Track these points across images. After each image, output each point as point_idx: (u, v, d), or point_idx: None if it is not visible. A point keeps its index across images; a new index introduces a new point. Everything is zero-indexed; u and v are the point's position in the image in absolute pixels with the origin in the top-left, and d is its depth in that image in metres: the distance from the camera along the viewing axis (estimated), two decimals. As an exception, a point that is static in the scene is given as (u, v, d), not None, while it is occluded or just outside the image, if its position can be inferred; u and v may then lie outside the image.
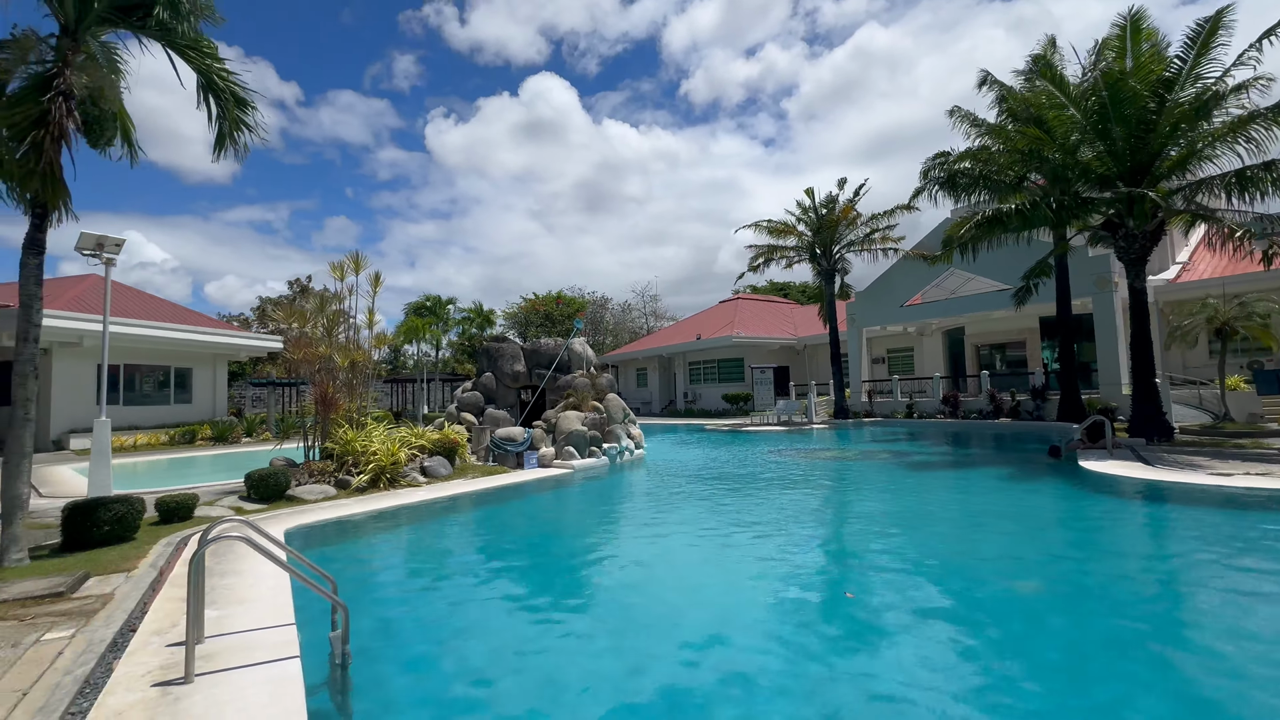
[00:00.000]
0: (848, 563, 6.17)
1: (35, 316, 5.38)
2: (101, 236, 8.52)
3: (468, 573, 6.22)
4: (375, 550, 7.27)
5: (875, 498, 9.82)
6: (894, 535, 7.30)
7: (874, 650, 3.98)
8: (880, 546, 6.72)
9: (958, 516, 8.37)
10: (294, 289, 43.19)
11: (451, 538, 8.04)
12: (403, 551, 7.37)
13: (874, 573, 5.72)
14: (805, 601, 4.98)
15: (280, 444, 21.46)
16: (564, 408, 13.31)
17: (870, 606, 4.81)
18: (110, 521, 6.02)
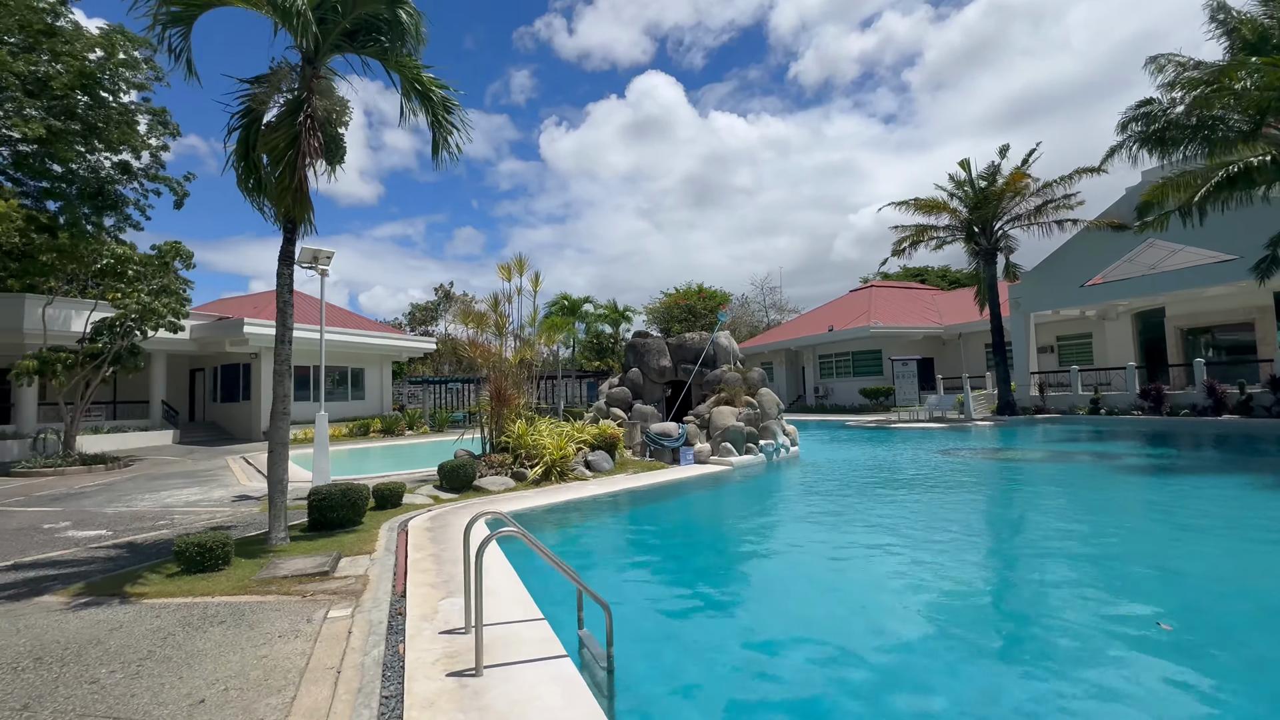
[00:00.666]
0: (1101, 594, 5.17)
1: (289, 321, 5.99)
2: (316, 250, 9.51)
3: (662, 570, 6.06)
4: (567, 542, 7.39)
5: (1102, 509, 8.40)
6: (1152, 559, 6.09)
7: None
8: (1145, 571, 5.60)
9: (1237, 538, 6.85)
10: (438, 294, 47.10)
11: (632, 532, 7.99)
12: (590, 544, 7.42)
13: (1140, 602, 4.72)
14: (1048, 643, 4.17)
15: (438, 437, 23.30)
16: (715, 403, 12.98)
17: (1170, 646, 3.90)
18: (345, 507, 6.59)
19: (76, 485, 12.08)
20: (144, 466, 15.42)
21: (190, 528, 7.33)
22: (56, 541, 6.77)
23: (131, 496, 10.13)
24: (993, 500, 9.29)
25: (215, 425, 24.98)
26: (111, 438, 20.09)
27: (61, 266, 17.90)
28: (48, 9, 14.47)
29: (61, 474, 14.23)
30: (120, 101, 15.60)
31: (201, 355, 25.01)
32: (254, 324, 21.62)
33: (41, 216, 16.31)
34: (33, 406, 19.26)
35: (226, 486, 11.06)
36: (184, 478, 12.77)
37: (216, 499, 9.62)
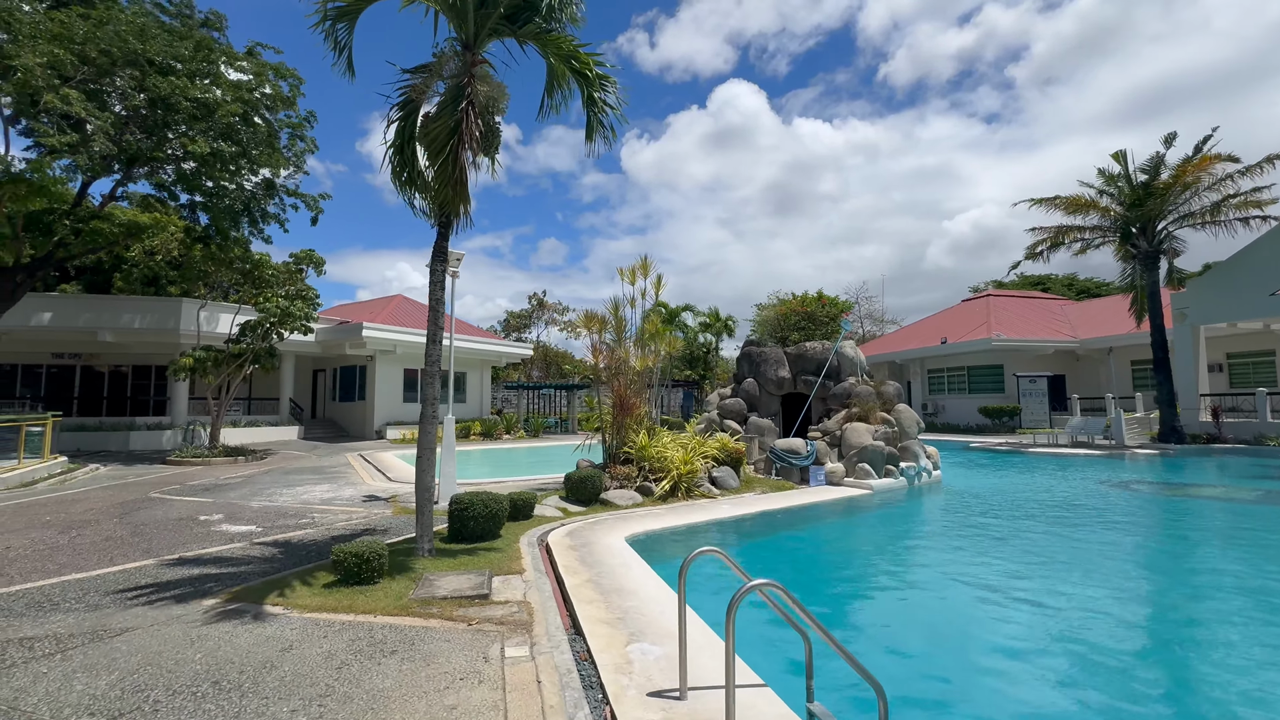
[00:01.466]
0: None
1: (440, 319, 5.69)
2: (452, 251, 9.41)
3: (828, 614, 5.16)
4: (716, 571, 6.65)
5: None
6: None
7: None
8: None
9: None
10: (532, 302, 48.25)
11: (780, 563, 7.12)
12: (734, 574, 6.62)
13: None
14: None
15: (534, 442, 23.36)
16: (846, 419, 11.82)
17: None
18: (485, 519, 6.22)
19: (222, 476, 12.83)
20: (276, 460, 16.33)
21: (331, 528, 7.27)
22: (213, 536, 6.87)
23: (271, 491, 10.49)
24: (1206, 549, 7.59)
25: (333, 423, 26.54)
26: (247, 431, 21.71)
27: (214, 272, 19.56)
28: (218, 45, 15.86)
29: (208, 464, 15.31)
30: (265, 117, 16.80)
31: (323, 357, 26.69)
32: (372, 328, 22.73)
33: (195, 229, 17.85)
34: (184, 401, 21.18)
35: (354, 485, 11.27)
36: (313, 473, 13.27)
37: (348, 498, 9.72)
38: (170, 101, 14.70)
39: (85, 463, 15.40)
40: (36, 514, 8.31)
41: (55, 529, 7.25)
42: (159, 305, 20.33)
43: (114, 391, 23.27)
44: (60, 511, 8.51)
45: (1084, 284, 50.42)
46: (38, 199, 13.78)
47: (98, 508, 8.80)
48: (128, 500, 9.45)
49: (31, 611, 4.26)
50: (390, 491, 10.38)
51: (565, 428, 32.36)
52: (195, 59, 15.32)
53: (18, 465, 12.38)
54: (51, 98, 12.49)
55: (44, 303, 19.65)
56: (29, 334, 19.21)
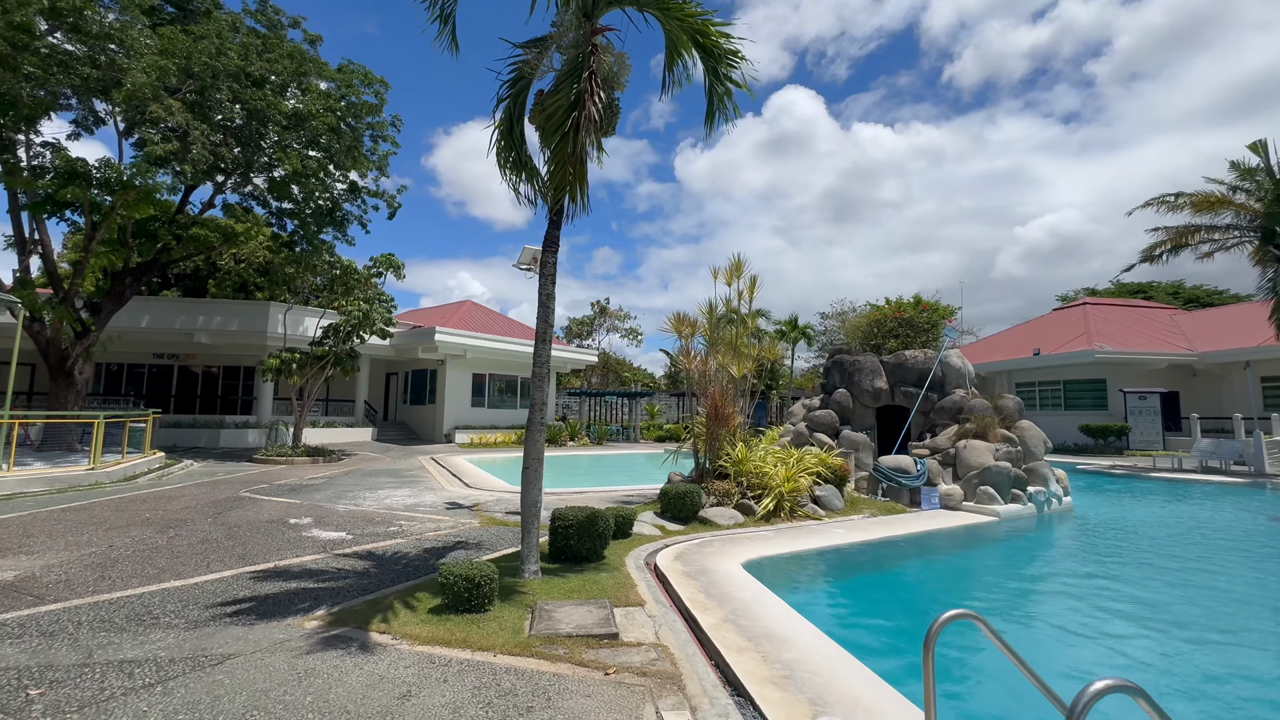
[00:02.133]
0: None
1: (550, 316, 5.17)
2: (537, 250, 9.00)
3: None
4: (852, 608, 5.81)
5: None
6: None
7: None
8: None
9: None
10: (594, 309, 48.27)
11: (917, 601, 6.18)
12: (867, 614, 5.75)
13: None
14: None
15: (599, 449, 22.88)
16: (959, 435, 10.64)
17: None
18: (590, 537, 5.63)
19: (305, 477, 12.92)
20: (353, 462, 16.50)
21: (421, 538, 6.88)
22: (304, 542, 6.59)
23: (355, 494, 10.35)
24: None
25: (404, 425, 27.02)
26: (325, 431, 22.27)
27: (299, 277, 20.21)
28: (309, 57, 16.36)
29: (291, 463, 15.60)
30: (350, 125, 17.19)
31: (396, 360, 27.27)
32: (444, 333, 22.95)
33: (282, 235, 18.45)
34: (269, 401, 21.97)
35: (434, 491, 11.01)
36: (391, 477, 13.19)
37: (430, 504, 9.41)
38: (265, 115, 15.20)
39: (180, 458, 16.01)
40: (138, 510, 8.37)
41: (155, 527, 7.19)
42: (248, 308, 21.19)
43: (206, 391, 24.47)
44: (159, 508, 8.56)
45: (1193, 292, 45.89)
46: (145, 206, 14.46)
47: (193, 506, 8.81)
48: (220, 499, 9.47)
49: (132, 626, 3.94)
50: (471, 499, 10.03)
51: (627, 435, 31.87)
52: (289, 72, 15.81)
53: (121, 459, 12.87)
54: (156, 108, 13.05)
55: (148, 305, 20.83)
56: (134, 335, 20.37)
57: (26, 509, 8.32)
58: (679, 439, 32.41)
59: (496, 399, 27.16)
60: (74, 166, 13.15)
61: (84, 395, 15.47)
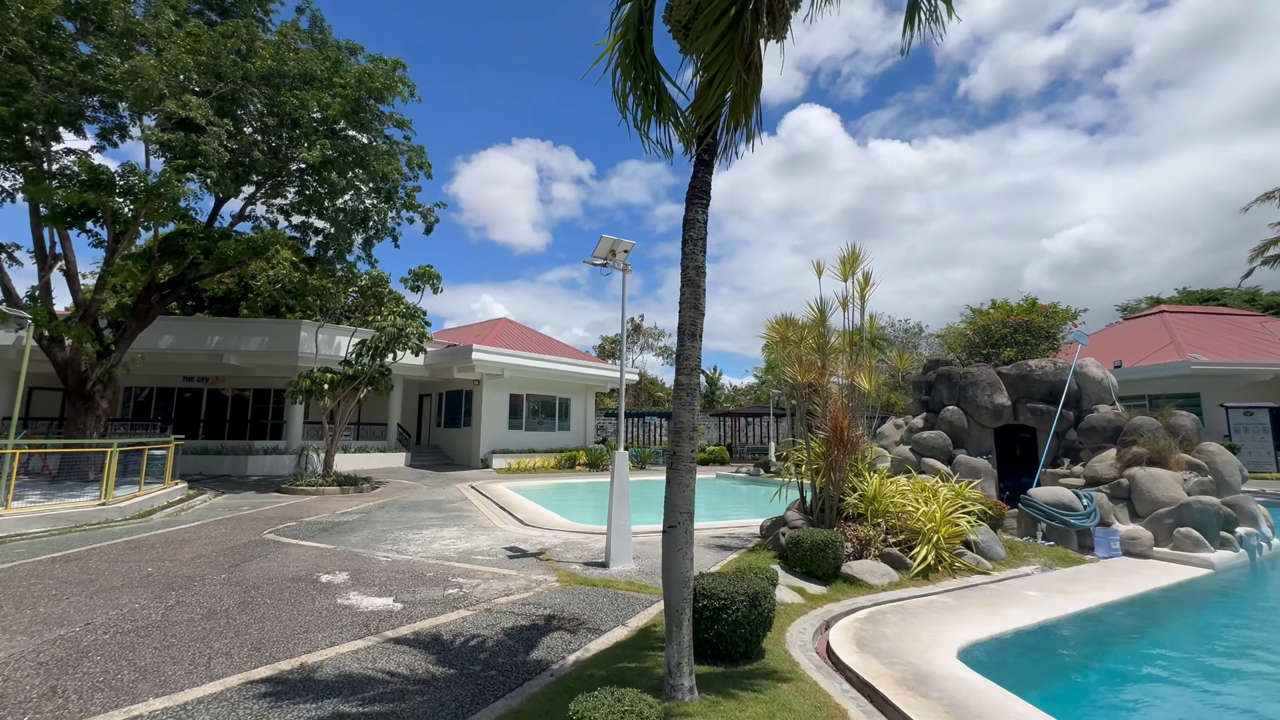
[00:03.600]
0: None
1: (701, 299, 3.50)
2: (615, 241, 7.43)
3: None
4: None
5: None
6: None
7: None
8: None
9: None
10: (629, 327, 46.85)
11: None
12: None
13: None
14: None
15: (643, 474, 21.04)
16: (1128, 461, 8.63)
17: None
18: (754, 622, 3.86)
19: (337, 511, 11.41)
20: (388, 491, 15.01)
21: (492, 605, 5.19)
22: (340, 616, 4.96)
23: (395, 535, 8.75)
24: None
25: (438, 449, 25.61)
26: (357, 457, 20.94)
27: (330, 291, 19.08)
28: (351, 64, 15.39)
29: (321, 494, 14.16)
30: (383, 133, 16.12)
31: (430, 381, 26.00)
32: (482, 350, 21.58)
33: (303, 249, 17.38)
34: (299, 425, 20.75)
35: (486, 530, 9.36)
36: (432, 510, 11.60)
37: (486, 550, 7.74)
38: (295, 117, 14.14)
39: (203, 489, 14.72)
40: (141, 560, 6.88)
41: (154, 589, 5.65)
42: (278, 327, 20.12)
43: (236, 415, 23.45)
44: (166, 557, 7.06)
45: (1272, 298, 42.50)
46: (169, 216, 13.42)
47: (206, 554, 7.29)
48: (239, 544, 7.95)
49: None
50: (533, 541, 8.35)
51: (655, 457, 29.95)
52: (324, 71, 14.80)
53: (138, 492, 11.54)
54: (171, 104, 12.01)
55: (176, 325, 19.91)
56: (162, 356, 19.43)
57: (12, 559, 6.90)
58: (723, 461, 30.47)
59: (534, 421, 25.61)
60: (96, 174, 12.11)
61: (105, 421, 14.32)
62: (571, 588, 5.92)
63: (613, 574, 6.45)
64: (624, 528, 6.81)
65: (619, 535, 6.76)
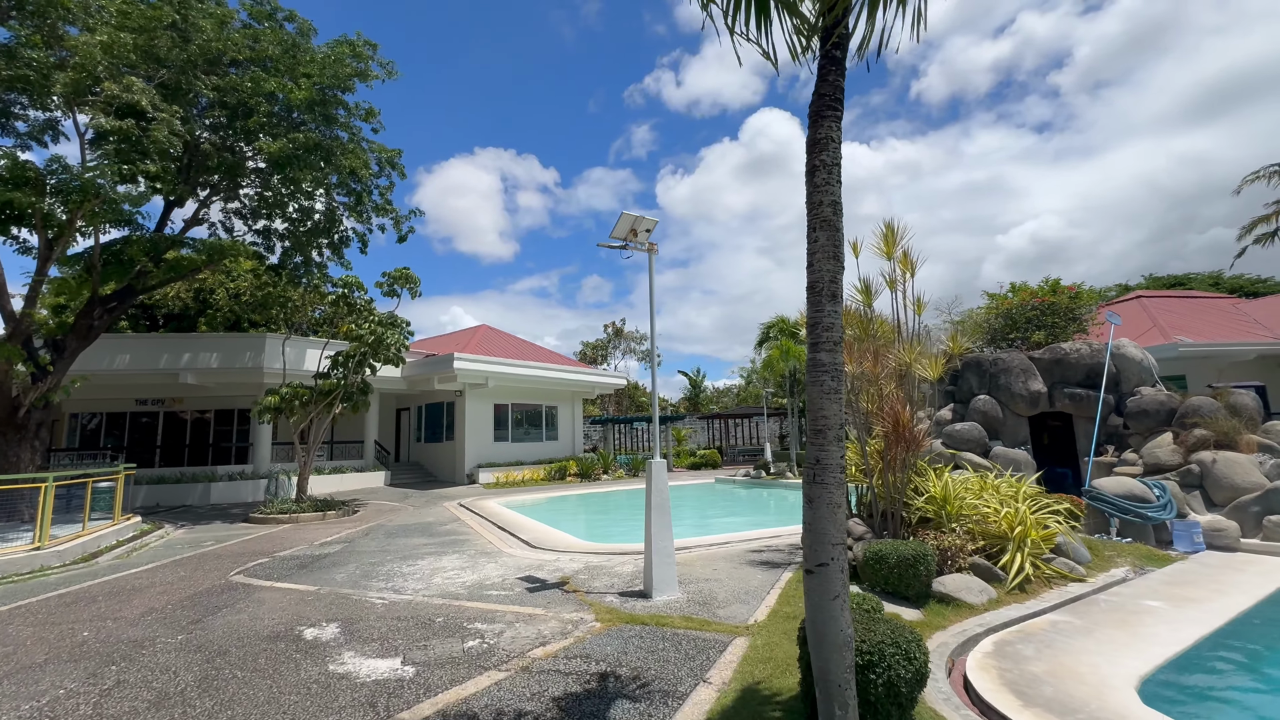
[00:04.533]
0: None
1: (841, 248, 2.52)
2: (636, 218, 6.46)
3: None
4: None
5: None
6: None
7: None
8: None
9: None
10: (608, 331, 45.76)
11: None
12: None
13: None
14: None
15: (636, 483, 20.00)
16: (1193, 445, 7.97)
17: None
18: (910, 680, 2.90)
19: (316, 541, 10.12)
20: (370, 514, 13.68)
21: (526, 661, 4.13)
22: (334, 690, 3.84)
23: (389, 568, 7.56)
24: None
25: (419, 466, 24.15)
26: (332, 479, 19.43)
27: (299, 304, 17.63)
28: (306, 48, 14.07)
29: (296, 521, 12.78)
30: (349, 125, 14.82)
31: (407, 394, 24.55)
32: (464, 359, 20.29)
33: (267, 258, 15.98)
34: (268, 447, 19.13)
35: (491, 556, 8.23)
36: (424, 535, 10.39)
37: (499, 582, 6.64)
38: (249, 105, 12.82)
39: (161, 522, 13.17)
40: (76, 620, 5.60)
41: (87, 665, 4.43)
42: (240, 342, 18.54)
43: (196, 439, 21.65)
44: (109, 614, 5.78)
45: (1235, 281, 43.70)
46: (110, 217, 11.94)
47: (159, 607, 6.03)
48: (200, 591, 6.68)
49: None
50: (550, 568, 7.27)
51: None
52: (282, 60, 13.50)
53: (81, 532, 10.04)
54: (110, 85, 10.63)
55: (124, 343, 18.17)
56: (111, 379, 17.67)
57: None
58: (715, 465, 29.54)
59: (520, 431, 24.35)
60: (22, 170, 10.63)
61: (41, 451, 12.68)
62: (617, 628, 4.88)
63: (659, 606, 5.43)
64: (666, 550, 5.79)
65: (661, 559, 5.74)
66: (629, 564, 7.20)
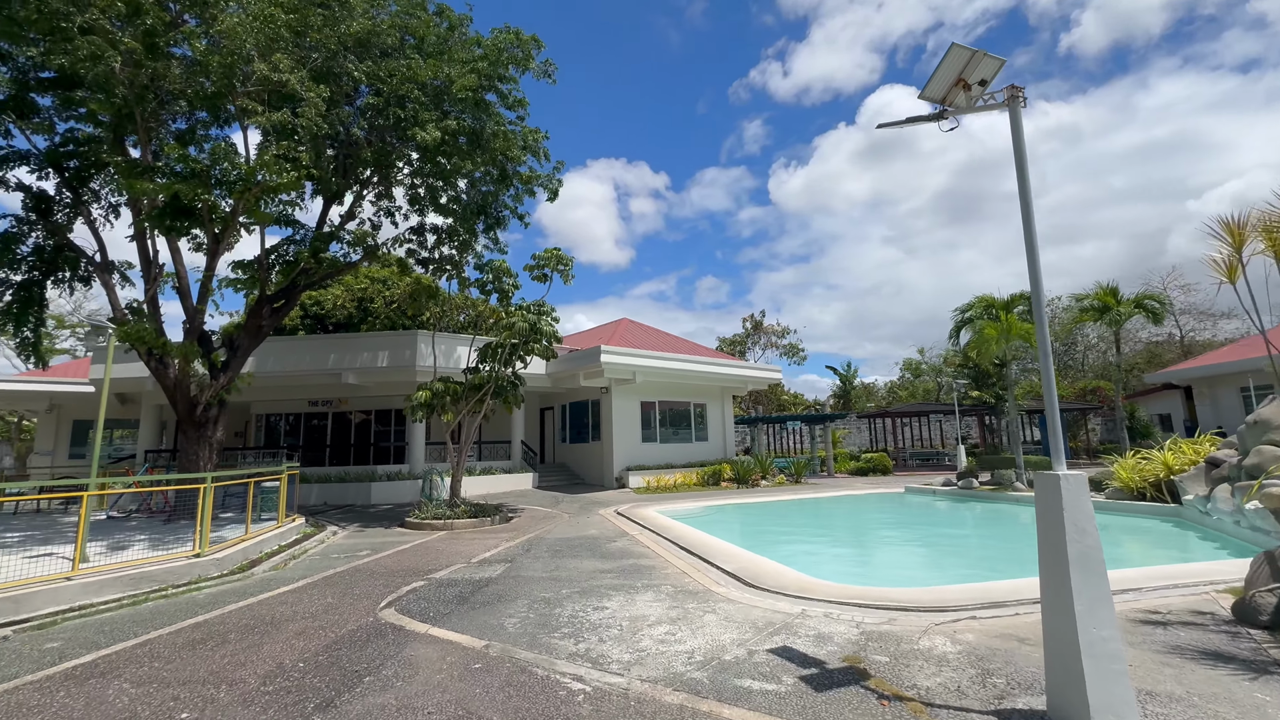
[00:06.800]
0: None
1: None
2: (971, 55, 3.80)
3: None
4: None
5: None
6: None
7: None
8: None
9: None
10: (747, 325, 42.74)
11: None
12: None
13: None
14: None
15: (798, 491, 16.88)
16: None
17: None
18: None
19: (474, 556, 8.56)
20: (526, 523, 12.20)
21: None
22: None
23: (571, 613, 5.54)
24: None
25: (565, 467, 23.03)
26: (482, 479, 18.68)
27: (448, 309, 16.96)
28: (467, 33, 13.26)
29: (451, 529, 11.58)
30: (497, 113, 13.68)
31: (551, 392, 23.58)
32: (611, 352, 18.65)
33: (419, 254, 15.24)
34: (421, 446, 18.84)
35: (698, 598, 5.93)
36: (597, 557, 8.43)
37: (742, 656, 4.27)
38: (402, 93, 11.92)
39: (324, 523, 12.70)
40: (187, 680, 4.12)
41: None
42: (394, 340, 18.43)
43: (359, 439, 22.26)
44: (227, 674, 4.26)
45: None
46: (268, 218, 11.59)
47: (289, 664, 4.41)
48: (343, 635, 5.07)
49: None
50: (806, 631, 4.78)
51: (816, 468, 25.57)
52: (437, 48, 12.58)
53: (244, 536, 9.36)
54: (260, 65, 9.98)
55: (296, 345, 18.81)
56: (286, 380, 18.29)
57: (25, 669, 4.39)
58: (885, 470, 25.21)
59: (669, 432, 22.30)
60: (189, 163, 10.34)
61: (218, 449, 12.72)
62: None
63: None
64: (1106, 643, 3.01)
65: (1098, 657, 2.97)
66: (940, 636, 4.49)
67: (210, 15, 10.91)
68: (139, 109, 10.73)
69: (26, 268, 12.47)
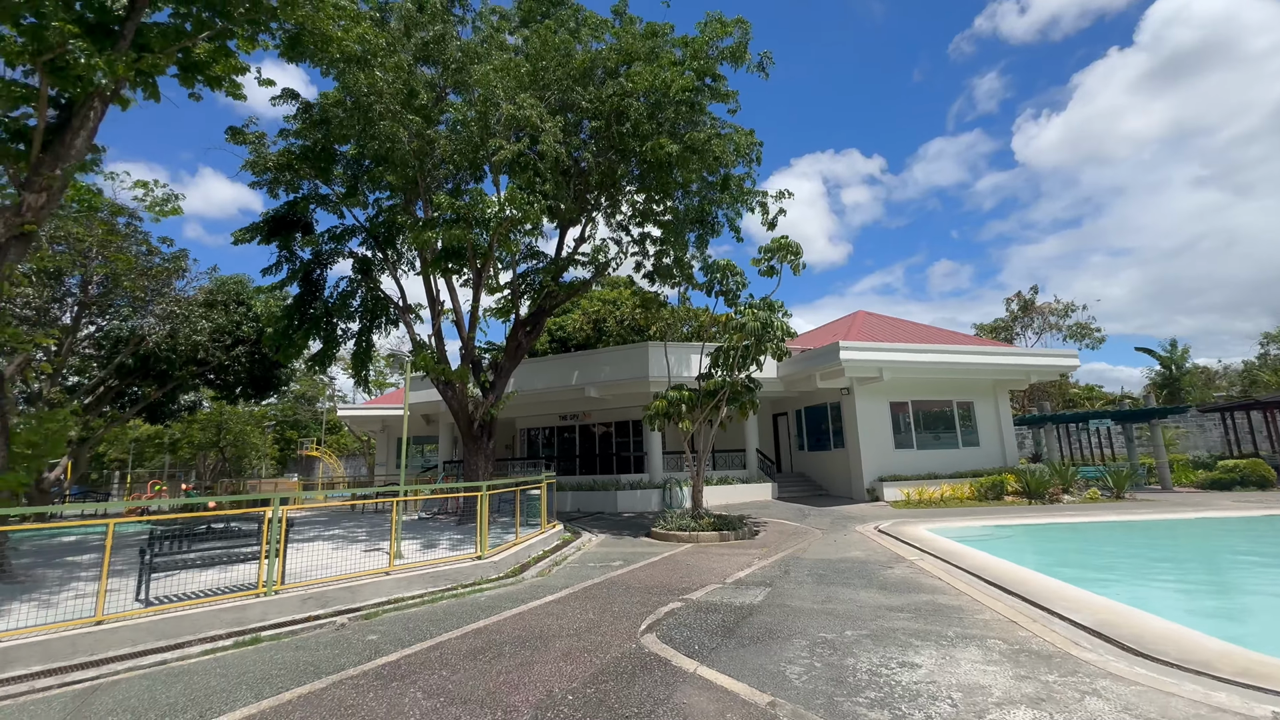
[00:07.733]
0: None
1: None
2: None
3: None
4: None
5: None
6: None
7: None
8: None
9: None
10: (1012, 304, 35.63)
11: None
12: None
13: None
14: None
15: (1119, 511, 12.35)
16: None
17: None
18: None
19: (728, 576, 7.81)
20: (775, 538, 11.13)
21: None
22: None
23: (870, 667, 4.34)
24: None
25: (805, 477, 21.36)
26: (719, 489, 18.15)
27: (674, 322, 17.01)
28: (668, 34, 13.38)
29: (697, 542, 11.11)
30: (706, 110, 13.19)
31: (783, 397, 22.18)
32: (852, 347, 16.65)
33: (643, 264, 15.39)
34: (659, 456, 19.13)
35: (1052, 664, 4.19)
36: (870, 585, 6.97)
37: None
38: (621, 109, 12.15)
39: (579, 529, 13.36)
40: (468, 698, 4.00)
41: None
42: (627, 353, 19.12)
43: (603, 450, 23.70)
44: (504, 688, 4.06)
45: None
46: (515, 247, 12.74)
47: (558, 693, 4.07)
48: (608, 663, 4.65)
49: None
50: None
51: (1142, 479, 19.43)
52: (648, 58, 12.70)
53: (515, 540, 10.10)
54: (509, 107, 10.86)
55: (544, 365, 20.75)
56: (539, 396, 20.28)
57: (350, 661, 4.85)
58: (1265, 484, 18.06)
59: (928, 436, 19.11)
60: (457, 210, 11.82)
61: (492, 459, 14.34)
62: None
63: None
64: None
65: None
66: None
67: (462, 80, 12.48)
68: (420, 176, 12.70)
69: (360, 318, 15.76)
